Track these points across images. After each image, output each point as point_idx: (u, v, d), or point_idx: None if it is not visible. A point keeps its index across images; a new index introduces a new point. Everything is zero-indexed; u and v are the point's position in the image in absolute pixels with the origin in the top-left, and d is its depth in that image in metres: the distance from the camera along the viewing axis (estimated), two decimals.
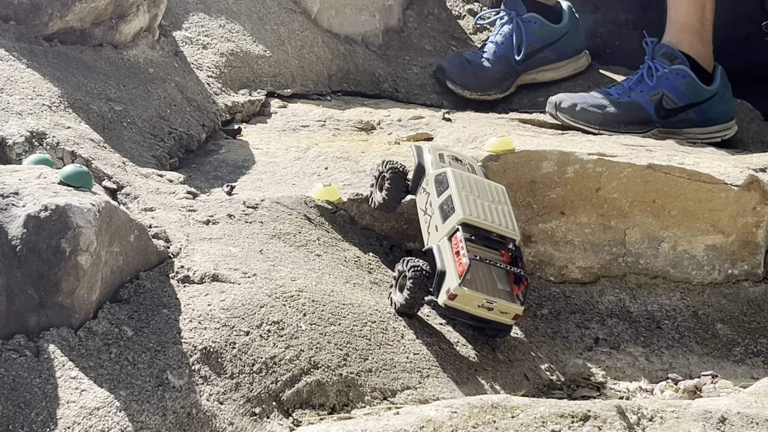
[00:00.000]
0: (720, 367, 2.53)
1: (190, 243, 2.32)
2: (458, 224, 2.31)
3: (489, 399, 2.01)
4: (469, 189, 2.38)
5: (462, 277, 2.24)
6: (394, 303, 2.34)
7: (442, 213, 2.35)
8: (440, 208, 2.36)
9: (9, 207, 2.03)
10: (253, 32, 3.38)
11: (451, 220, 2.33)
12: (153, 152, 2.79)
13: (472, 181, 2.42)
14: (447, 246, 2.31)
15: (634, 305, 2.66)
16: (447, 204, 2.35)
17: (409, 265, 2.31)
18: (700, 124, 3.21)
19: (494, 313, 2.29)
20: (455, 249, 2.29)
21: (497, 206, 2.40)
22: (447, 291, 2.26)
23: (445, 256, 2.30)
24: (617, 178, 2.68)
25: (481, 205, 2.37)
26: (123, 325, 2.08)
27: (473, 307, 2.28)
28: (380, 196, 2.53)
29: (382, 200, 2.53)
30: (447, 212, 2.34)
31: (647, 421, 2.02)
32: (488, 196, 2.41)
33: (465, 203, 2.34)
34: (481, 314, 2.29)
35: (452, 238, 2.30)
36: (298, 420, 2.05)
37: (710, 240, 2.69)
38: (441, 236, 2.33)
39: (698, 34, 3.22)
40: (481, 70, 3.51)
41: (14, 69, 2.70)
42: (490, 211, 2.37)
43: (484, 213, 2.35)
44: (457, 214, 2.32)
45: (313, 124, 3.13)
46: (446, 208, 2.35)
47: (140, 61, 3.02)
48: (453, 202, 2.34)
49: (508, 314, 2.30)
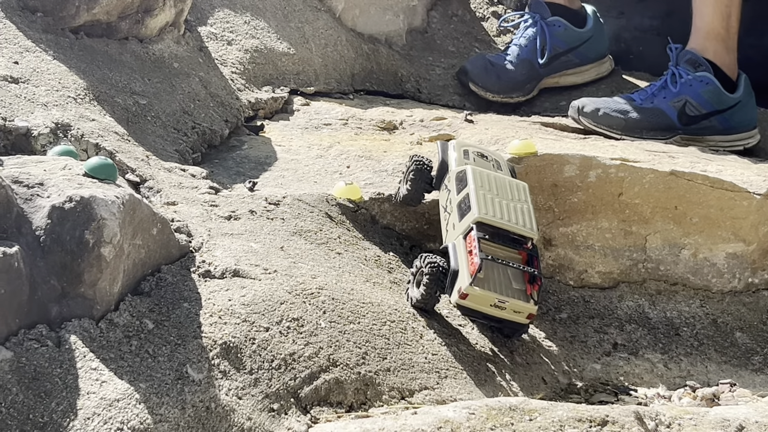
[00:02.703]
0: (738, 375, 2.52)
1: (212, 238, 2.32)
2: (473, 223, 2.30)
3: (507, 401, 2.01)
4: (488, 187, 2.38)
5: (473, 276, 2.24)
6: (411, 298, 2.35)
7: (460, 211, 2.35)
8: (458, 206, 2.36)
9: (34, 197, 2.04)
10: (277, 29, 3.39)
11: (467, 218, 2.32)
12: (176, 146, 2.80)
13: (492, 178, 2.41)
14: (462, 244, 2.31)
15: (653, 311, 2.66)
16: (465, 202, 2.35)
17: (426, 261, 2.31)
18: (723, 131, 3.21)
19: (507, 312, 2.28)
20: (469, 248, 2.29)
21: (516, 204, 2.39)
22: (458, 290, 2.27)
23: (459, 254, 2.30)
24: (639, 184, 2.68)
25: (498, 203, 2.36)
26: (144, 317, 2.08)
27: (485, 306, 2.28)
28: (404, 188, 2.54)
29: (406, 192, 2.53)
30: (464, 210, 2.34)
31: (665, 427, 2.01)
32: (508, 194, 2.40)
33: (482, 202, 2.33)
34: (494, 313, 2.29)
35: (467, 237, 2.30)
36: (316, 417, 2.05)
37: (731, 248, 2.68)
38: (457, 234, 2.34)
39: (723, 41, 3.22)
40: (504, 73, 3.51)
41: (40, 60, 2.71)
42: (508, 210, 2.36)
43: (501, 211, 2.34)
44: (472, 213, 2.31)
45: (335, 123, 3.13)
46: (464, 206, 2.35)
47: (165, 56, 3.03)
48: (470, 201, 2.33)
49: (522, 313, 2.30)
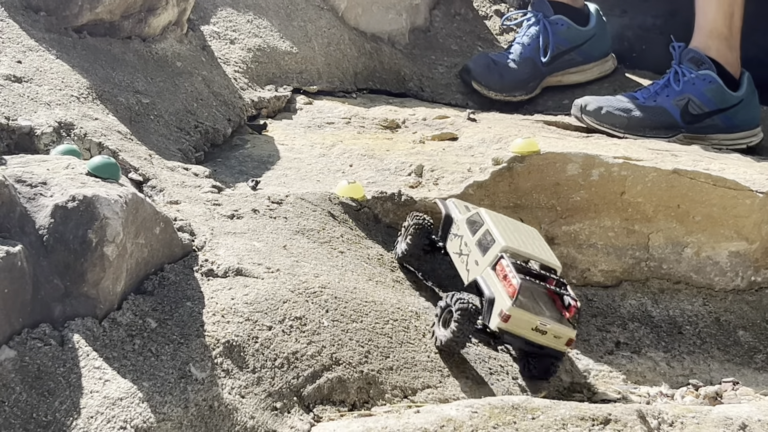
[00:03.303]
0: (741, 374, 2.52)
1: (215, 237, 2.33)
2: (501, 252, 2.26)
3: (509, 400, 2.02)
4: (503, 225, 2.35)
5: (515, 297, 2.18)
6: (438, 339, 2.25)
7: (481, 247, 2.31)
8: (478, 243, 2.32)
9: (37, 197, 2.04)
10: (280, 28, 3.39)
11: (492, 250, 2.28)
12: (179, 145, 2.81)
13: (505, 219, 2.40)
14: (491, 274, 2.26)
15: (656, 310, 2.66)
16: (485, 238, 2.31)
17: (454, 299, 2.23)
18: (726, 130, 3.20)
19: (547, 337, 2.22)
20: (502, 273, 2.23)
21: (534, 241, 2.36)
22: (500, 313, 2.20)
23: (492, 283, 2.24)
24: (642, 183, 2.68)
25: (518, 237, 2.33)
26: (147, 316, 2.09)
27: (527, 330, 2.21)
28: (403, 245, 2.49)
29: (405, 248, 2.48)
30: (487, 245, 2.30)
31: (668, 426, 2.01)
32: (522, 233, 2.37)
33: (504, 234, 2.30)
34: (535, 338, 2.22)
35: (497, 266, 2.25)
36: (319, 416, 2.05)
37: (734, 246, 2.68)
38: (483, 268, 2.29)
39: (726, 40, 3.22)
40: (507, 71, 3.51)
41: (43, 60, 2.72)
42: (529, 244, 2.33)
43: (524, 244, 2.31)
44: (498, 244, 2.28)
45: (338, 122, 3.13)
46: (485, 241, 2.31)
47: (168, 55, 3.03)
48: (492, 234, 2.30)
49: (562, 339, 2.24)
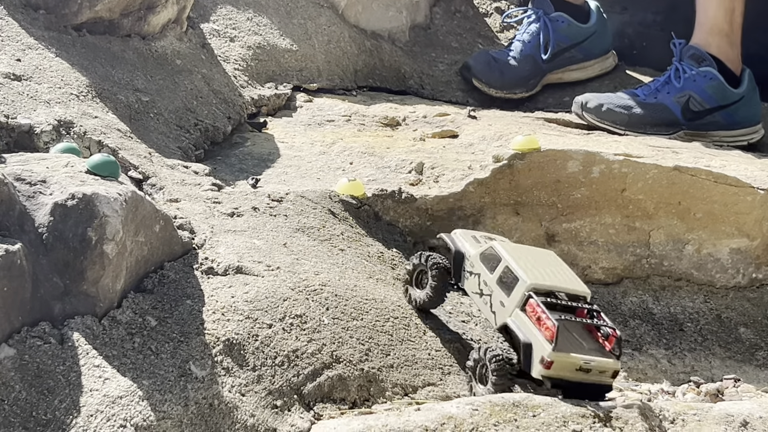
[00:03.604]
0: (742, 371, 2.52)
1: (215, 235, 2.32)
2: (528, 291, 2.13)
3: (510, 397, 2.01)
4: (522, 257, 2.21)
5: (554, 341, 2.06)
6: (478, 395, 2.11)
7: (504, 286, 2.17)
8: (499, 282, 2.18)
9: (36, 195, 2.04)
10: (280, 26, 3.39)
11: (518, 289, 2.14)
12: (179, 143, 2.80)
13: (521, 248, 2.29)
14: (522, 317, 2.12)
15: (657, 307, 2.66)
16: (507, 276, 2.17)
17: (488, 354, 2.12)
18: (727, 127, 3.20)
19: (593, 374, 2.09)
20: (535, 315, 2.10)
21: (555, 268, 2.23)
22: (541, 360, 2.06)
23: (524, 326, 2.11)
24: (643, 179, 2.68)
25: (540, 268, 2.20)
26: (147, 314, 2.08)
27: (571, 372, 2.08)
28: (424, 293, 2.31)
29: (428, 298, 2.31)
30: (510, 283, 2.16)
31: (669, 423, 2.01)
32: (541, 260, 2.24)
33: (526, 268, 2.17)
34: (580, 378, 2.09)
35: (526, 306, 2.12)
36: (319, 414, 2.05)
37: (735, 243, 2.68)
38: (511, 310, 2.15)
39: (727, 36, 3.21)
40: (508, 69, 3.50)
41: (43, 58, 2.71)
42: (552, 273, 2.20)
43: (548, 276, 2.18)
44: (522, 282, 2.13)
45: (338, 119, 3.13)
46: (507, 280, 2.17)
47: (168, 53, 3.03)
48: (514, 271, 2.16)
49: (607, 372, 2.11)
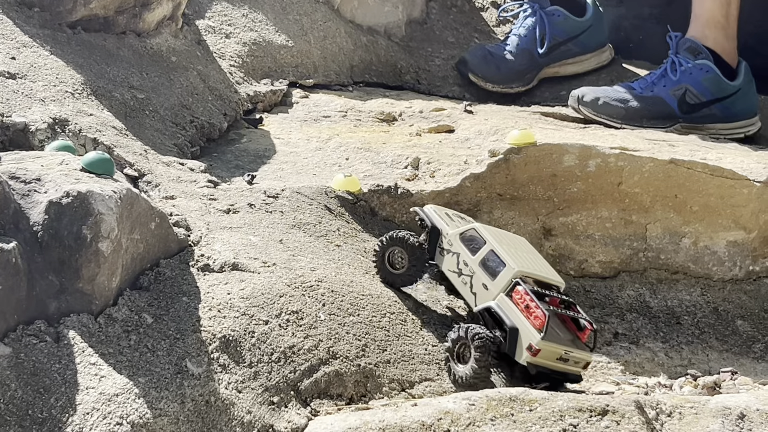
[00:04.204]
0: (739, 363, 2.52)
1: (211, 231, 2.32)
2: (515, 277, 2.20)
3: (507, 392, 2.01)
4: (505, 242, 2.27)
5: (543, 330, 2.13)
6: (459, 378, 2.17)
7: (487, 269, 2.23)
8: (482, 264, 2.24)
9: (31, 193, 2.04)
10: (275, 22, 3.39)
11: (503, 275, 2.21)
12: (174, 140, 2.80)
13: (500, 233, 2.33)
14: (508, 302, 2.19)
15: (654, 300, 2.65)
16: (491, 260, 2.23)
17: (470, 333, 2.16)
18: (724, 119, 3.20)
19: (569, 364, 2.19)
20: (523, 303, 2.17)
21: (530, 255, 2.30)
22: (529, 347, 2.15)
23: (511, 312, 2.18)
24: (639, 173, 2.67)
25: (522, 256, 2.26)
26: (143, 312, 2.08)
27: (553, 360, 2.17)
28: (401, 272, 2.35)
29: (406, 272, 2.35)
30: (494, 267, 2.22)
31: (666, 416, 2.01)
32: (518, 246, 2.31)
33: (511, 254, 2.23)
34: (559, 367, 2.18)
35: (513, 293, 2.19)
36: (316, 410, 2.05)
37: (732, 236, 2.68)
38: (496, 293, 2.21)
39: (723, 29, 3.21)
40: (504, 63, 3.50)
41: (38, 56, 2.71)
42: (532, 262, 2.27)
43: (530, 263, 2.25)
44: (510, 268, 2.20)
45: (334, 115, 3.12)
46: (491, 264, 2.23)
47: (163, 50, 3.03)
48: (499, 257, 2.22)
49: (580, 363, 2.21)
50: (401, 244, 2.33)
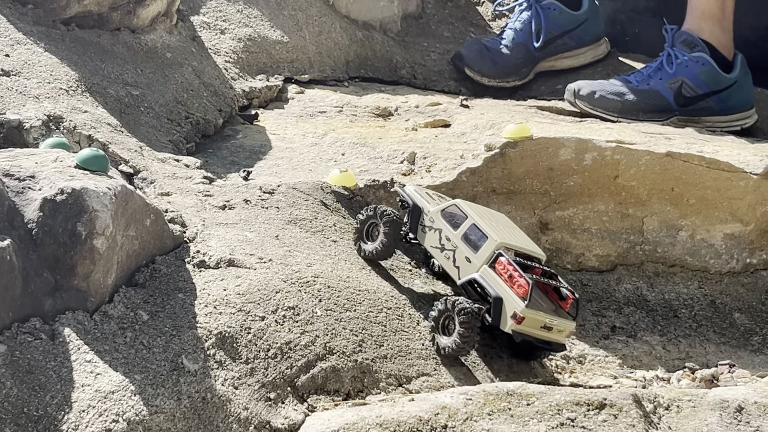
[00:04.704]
0: (737, 356, 2.52)
1: (206, 228, 2.32)
2: (498, 249, 2.24)
3: (504, 386, 2.01)
4: (486, 217, 2.32)
5: (527, 298, 2.17)
6: (443, 348, 2.21)
7: (469, 243, 2.27)
8: (464, 239, 2.28)
9: (25, 190, 2.03)
10: (270, 17, 3.38)
11: (486, 247, 2.25)
12: (170, 137, 2.80)
13: (482, 209, 2.37)
14: (491, 273, 2.23)
15: (651, 294, 2.65)
16: (473, 233, 2.27)
17: (454, 305, 2.21)
18: (720, 112, 3.19)
19: (553, 332, 2.23)
20: (506, 273, 2.21)
21: (511, 230, 2.35)
22: (513, 315, 2.19)
23: (494, 282, 2.22)
24: (635, 166, 2.67)
25: (503, 229, 2.30)
26: (138, 309, 2.08)
27: (537, 329, 2.21)
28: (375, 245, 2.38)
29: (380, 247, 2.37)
30: (476, 241, 2.26)
31: (663, 409, 2.01)
32: (499, 222, 2.35)
33: (492, 227, 2.27)
34: (543, 335, 2.22)
35: (496, 263, 2.23)
36: (313, 405, 2.05)
37: (729, 229, 2.67)
38: (479, 265, 2.25)
39: (719, 21, 3.20)
40: (500, 57, 3.49)
41: (32, 53, 2.70)
42: (513, 235, 2.31)
43: (511, 236, 2.29)
44: (492, 240, 2.24)
45: (330, 110, 3.12)
46: (473, 237, 2.27)
47: (158, 46, 3.02)
48: (481, 230, 2.26)
49: (563, 332, 2.25)
50: (379, 217, 2.38)
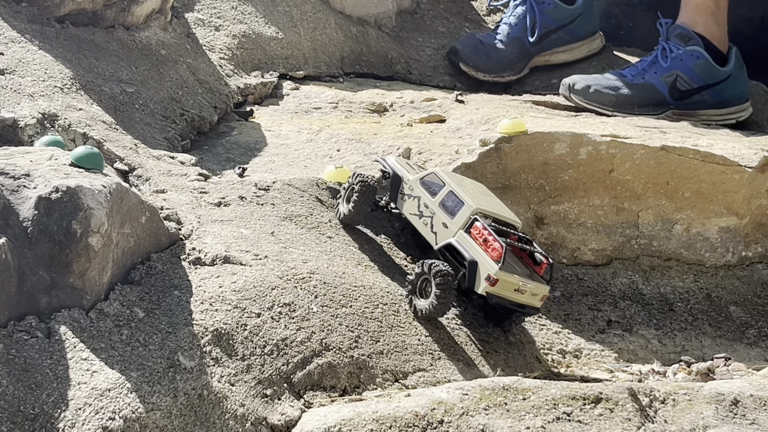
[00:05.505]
0: (733, 349, 2.52)
1: (202, 225, 2.32)
2: (473, 214, 2.29)
3: (500, 381, 2.01)
4: (463, 184, 2.38)
5: (501, 260, 2.22)
6: (419, 310, 2.27)
7: (446, 209, 2.34)
8: (441, 205, 2.34)
9: (20, 189, 2.03)
10: (265, 14, 3.38)
11: (462, 212, 2.31)
12: (165, 134, 2.79)
13: (459, 177, 2.42)
14: (466, 237, 2.29)
15: (647, 287, 2.65)
16: (450, 200, 2.34)
17: (431, 268, 2.25)
18: (715, 105, 3.19)
19: (526, 296, 2.28)
20: (481, 237, 2.27)
21: (489, 198, 2.40)
22: (487, 278, 2.24)
23: (469, 246, 2.28)
24: (630, 160, 2.67)
25: (480, 196, 2.36)
26: (134, 306, 2.08)
27: (510, 291, 2.26)
28: (346, 207, 2.47)
29: (349, 212, 2.46)
30: (453, 207, 2.33)
31: (659, 403, 2.01)
32: (478, 189, 2.41)
33: (469, 194, 2.33)
34: (516, 298, 2.27)
35: (471, 228, 2.29)
36: (310, 402, 2.05)
37: (724, 222, 2.68)
38: (455, 230, 2.31)
39: (713, 14, 3.20)
40: (495, 52, 3.49)
41: (26, 51, 2.70)
42: (490, 202, 2.37)
43: (487, 203, 2.35)
44: (468, 206, 2.31)
45: (325, 106, 3.12)
46: (450, 204, 2.33)
47: (152, 43, 3.02)
48: (458, 197, 2.33)
49: (537, 296, 2.30)
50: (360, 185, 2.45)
